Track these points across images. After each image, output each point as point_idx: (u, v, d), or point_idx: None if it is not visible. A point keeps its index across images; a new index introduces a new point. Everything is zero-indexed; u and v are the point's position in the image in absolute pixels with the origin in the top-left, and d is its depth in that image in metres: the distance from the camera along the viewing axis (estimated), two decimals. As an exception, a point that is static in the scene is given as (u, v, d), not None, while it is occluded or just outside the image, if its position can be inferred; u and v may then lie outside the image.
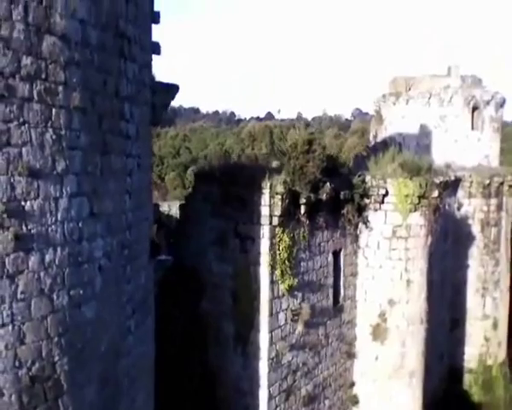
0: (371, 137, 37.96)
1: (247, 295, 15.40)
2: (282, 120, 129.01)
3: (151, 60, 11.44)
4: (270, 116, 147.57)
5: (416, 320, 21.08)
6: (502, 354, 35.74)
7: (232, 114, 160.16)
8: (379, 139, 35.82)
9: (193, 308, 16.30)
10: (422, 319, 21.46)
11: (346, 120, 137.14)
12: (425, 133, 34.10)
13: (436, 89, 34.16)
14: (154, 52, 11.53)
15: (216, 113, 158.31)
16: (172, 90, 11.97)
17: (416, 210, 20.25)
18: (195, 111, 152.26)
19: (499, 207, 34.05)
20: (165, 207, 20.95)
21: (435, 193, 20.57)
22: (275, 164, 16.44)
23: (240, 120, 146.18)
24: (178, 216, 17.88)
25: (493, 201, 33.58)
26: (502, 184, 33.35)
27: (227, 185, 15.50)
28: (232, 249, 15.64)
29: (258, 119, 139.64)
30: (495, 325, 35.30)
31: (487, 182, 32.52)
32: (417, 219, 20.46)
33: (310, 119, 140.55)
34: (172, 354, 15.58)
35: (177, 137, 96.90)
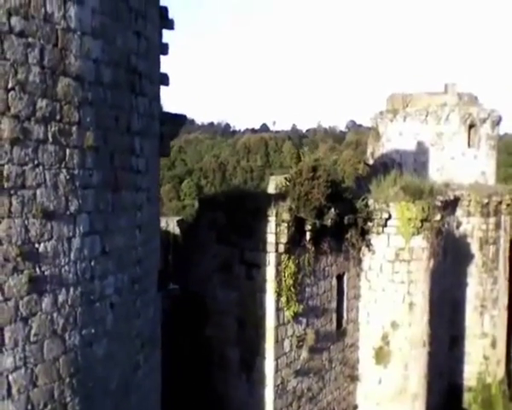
0: (369, 154, 38.05)
1: (253, 322, 15.34)
2: (277, 132, 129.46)
3: (160, 92, 11.45)
4: (265, 128, 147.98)
5: (418, 343, 21.02)
6: (501, 373, 35.70)
7: (227, 125, 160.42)
8: (377, 156, 35.94)
9: (198, 335, 16.22)
10: (425, 341, 21.41)
11: (341, 131, 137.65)
12: (422, 150, 34.27)
13: (433, 106, 34.33)
14: (163, 83, 11.55)
15: (211, 124, 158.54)
16: (180, 120, 11.99)
17: (418, 233, 20.24)
18: (190, 122, 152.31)
19: (498, 226, 34.14)
20: (162, 223, 20.85)
21: (438, 216, 20.59)
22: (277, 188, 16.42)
23: (235, 132, 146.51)
24: (177, 232, 17.75)
25: (492, 219, 33.68)
26: (500, 202, 33.48)
27: (232, 212, 15.48)
28: (237, 276, 15.59)
29: (253, 130, 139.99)
30: (493, 344, 35.27)
31: (486, 201, 32.62)
32: (420, 243, 20.45)
33: (304, 130, 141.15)
34: (178, 380, 15.47)
35: (172, 149, 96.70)
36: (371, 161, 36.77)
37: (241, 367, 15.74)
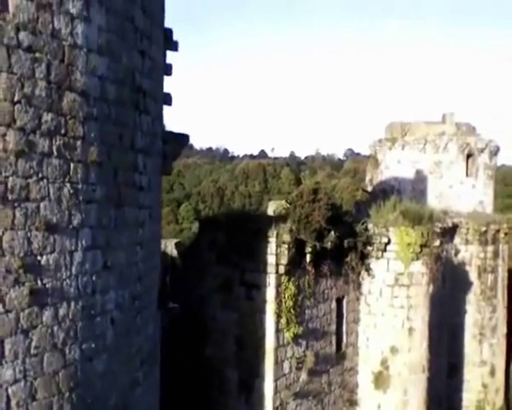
0: (367, 181, 38.27)
1: (252, 343, 15.31)
2: (276, 159, 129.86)
3: (163, 111, 11.58)
4: (263, 154, 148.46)
5: (417, 369, 20.95)
6: (499, 401, 35.48)
7: (226, 150, 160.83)
8: (375, 183, 36.15)
9: (197, 354, 16.16)
10: (424, 367, 21.33)
11: (339, 159, 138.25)
12: (420, 178, 34.51)
13: (431, 135, 34.69)
14: (166, 103, 11.68)
15: (209, 149, 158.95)
16: (183, 139, 12.10)
17: (418, 259, 20.29)
18: (189, 147, 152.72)
19: (496, 254, 34.21)
20: (161, 245, 20.87)
21: (437, 242, 20.68)
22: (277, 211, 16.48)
23: (233, 157, 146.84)
24: (175, 254, 17.76)
25: (490, 248, 33.78)
26: (498, 231, 33.61)
27: (233, 233, 15.54)
28: (237, 297, 15.60)
29: (251, 156, 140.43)
30: (492, 372, 35.10)
31: (484, 229, 32.73)
32: (419, 268, 20.49)
33: (303, 157, 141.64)
34: (176, 399, 15.37)
35: (170, 173, 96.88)
36: (370, 188, 36.98)
37: (240, 388, 15.68)
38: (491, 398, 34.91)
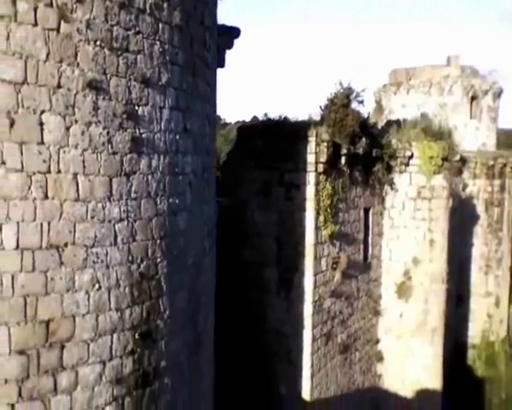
0: (371, 127, 38.75)
1: (291, 241, 16.01)
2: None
3: (217, 5, 11.96)
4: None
5: (438, 279, 21.82)
6: (503, 331, 36.70)
7: (218, 117, 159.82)
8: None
9: (236, 257, 16.87)
10: (443, 278, 22.20)
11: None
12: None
13: (436, 78, 35.18)
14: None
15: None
16: (234, 32, 12.56)
17: (439, 172, 20.99)
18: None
19: (502, 188, 35.09)
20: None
21: (457, 156, 21.38)
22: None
23: (226, 124, 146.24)
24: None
25: (497, 182, 34.62)
26: (505, 165, 34.44)
27: (271, 138, 16.11)
28: (276, 198, 16.24)
29: (243, 122, 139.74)
30: (497, 303, 36.25)
31: (491, 163, 33.56)
32: (440, 181, 21.20)
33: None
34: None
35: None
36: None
37: (280, 286, 16.41)
38: (495, 328, 36.12)
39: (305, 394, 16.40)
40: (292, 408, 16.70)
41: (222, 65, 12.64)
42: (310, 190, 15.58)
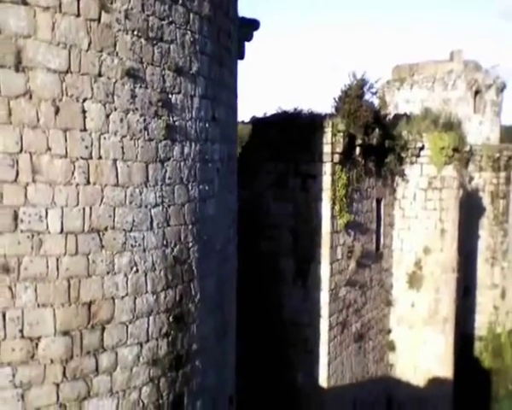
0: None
1: (307, 231, 16.23)
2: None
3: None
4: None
5: (448, 269, 22.04)
6: (509, 323, 36.88)
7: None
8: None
9: (252, 248, 17.07)
10: (454, 268, 22.43)
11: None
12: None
13: (440, 73, 35.39)
14: None
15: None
16: (254, 24, 12.75)
17: (449, 163, 21.23)
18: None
19: (508, 180, 35.26)
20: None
21: (467, 147, 21.60)
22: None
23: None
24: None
25: (502, 174, 34.79)
26: (510, 158, 34.66)
27: (286, 129, 16.32)
28: (292, 188, 16.45)
29: (243, 123, 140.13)
30: (503, 295, 36.45)
31: (497, 156, 33.77)
32: (451, 172, 21.43)
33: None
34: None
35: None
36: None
37: (296, 275, 16.64)
38: (501, 320, 36.28)
39: (322, 381, 16.64)
40: (309, 396, 16.95)
41: (242, 57, 12.83)
42: (326, 181, 15.80)
